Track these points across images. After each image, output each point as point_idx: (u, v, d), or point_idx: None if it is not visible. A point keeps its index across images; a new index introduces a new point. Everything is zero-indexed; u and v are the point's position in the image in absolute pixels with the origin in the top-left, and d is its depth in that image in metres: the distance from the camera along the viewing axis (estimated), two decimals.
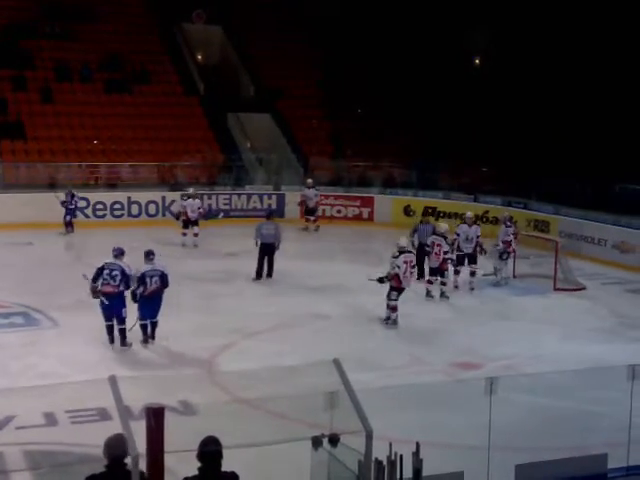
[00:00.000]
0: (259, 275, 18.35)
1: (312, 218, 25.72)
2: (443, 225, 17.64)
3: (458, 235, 18.20)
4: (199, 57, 34.51)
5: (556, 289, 18.16)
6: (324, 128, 31.86)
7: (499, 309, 16.62)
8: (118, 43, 31.87)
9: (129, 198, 25.97)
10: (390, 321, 15.02)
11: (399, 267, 14.80)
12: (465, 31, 30.69)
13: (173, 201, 25.41)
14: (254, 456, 6.84)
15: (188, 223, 22.64)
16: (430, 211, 25.77)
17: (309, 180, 26.31)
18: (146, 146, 28.81)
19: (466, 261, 18.06)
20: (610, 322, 15.77)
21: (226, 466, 5.72)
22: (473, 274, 18.11)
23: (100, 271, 13.02)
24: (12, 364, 12.26)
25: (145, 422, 5.56)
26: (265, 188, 28.13)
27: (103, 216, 25.47)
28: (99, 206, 25.56)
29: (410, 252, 15.45)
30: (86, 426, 9.85)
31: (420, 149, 28.70)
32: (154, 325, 13.40)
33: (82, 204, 25.07)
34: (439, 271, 17.10)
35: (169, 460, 5.55)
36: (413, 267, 15.22)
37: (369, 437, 5.73)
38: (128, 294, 13.17)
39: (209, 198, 26.94)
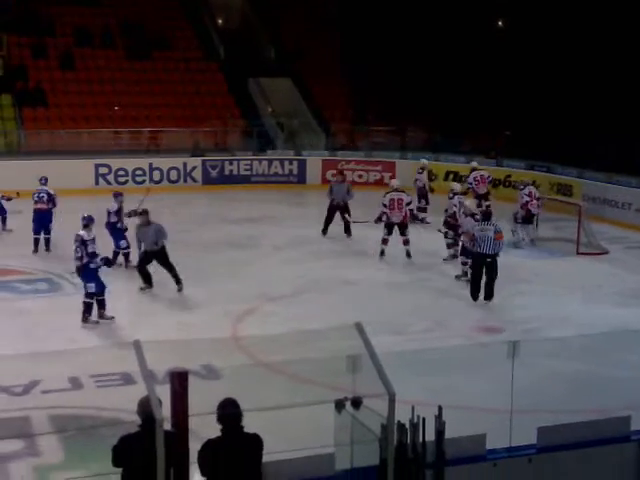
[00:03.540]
0: None
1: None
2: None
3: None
4: (219, 21, 34.28)
5: (579, 253, 18.04)
6: (345, 93, 31.68)
7: (521, 273, 16.43)
8: (138, 8, 31.73)
9: (150, 164, 26.01)
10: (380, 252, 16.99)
11: (385, 205, 16.91)
12: None
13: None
14: (277, 419, 6.90)
15: None
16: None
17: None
18: (167, 112, 28.79)
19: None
20: (633, 286, 15.67)
21: (249, 429, 5.78)
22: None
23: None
24: (37, 330, 12.38)
25: (169, 386, 5.62)
26: (286, 153, 28.10)
27: (125, 182, 25.54)
28: (121, 172, 25.61)
29: (398, 191, 17.22)
30: (111, 390, 9.98)
31: (442, 113, 28.48)
32: (47, 240, 17.39)
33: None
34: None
35: (193, 423, 5.61)
36: (402, 204, 16.98)
37: (392, 400, 5.74)
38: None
39: (230, 164, 26.98)
